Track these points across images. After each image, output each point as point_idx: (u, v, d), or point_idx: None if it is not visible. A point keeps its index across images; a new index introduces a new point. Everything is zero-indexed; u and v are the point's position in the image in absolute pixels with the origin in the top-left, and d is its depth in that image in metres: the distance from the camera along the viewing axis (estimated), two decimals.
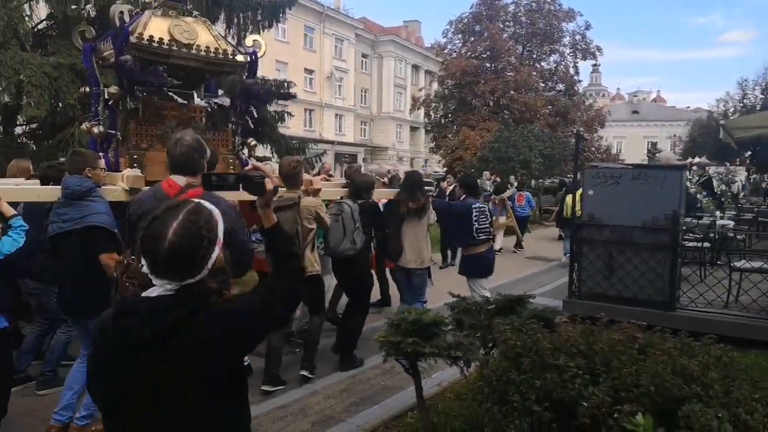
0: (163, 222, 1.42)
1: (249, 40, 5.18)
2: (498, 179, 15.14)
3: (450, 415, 3.66)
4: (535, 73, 30.01)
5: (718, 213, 11.02)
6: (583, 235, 6.26)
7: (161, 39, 4.38)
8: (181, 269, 1.42)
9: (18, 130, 8.86)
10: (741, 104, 39.54)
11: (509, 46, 29.94)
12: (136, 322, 1.40)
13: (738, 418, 2.25)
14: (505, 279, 9.10)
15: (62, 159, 5.10)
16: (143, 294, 1.45)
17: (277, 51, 30.79)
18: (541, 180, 21.43)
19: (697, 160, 19.39)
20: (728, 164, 20.69)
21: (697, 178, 13.50)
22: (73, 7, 7.68)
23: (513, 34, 31.05)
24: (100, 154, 4.28)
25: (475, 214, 5.74)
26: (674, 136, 48.19)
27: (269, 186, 1.82)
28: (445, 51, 31.69)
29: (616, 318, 3.37)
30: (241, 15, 10.30)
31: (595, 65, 36.96)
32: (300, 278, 1.85)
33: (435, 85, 34.85)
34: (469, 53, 30.30)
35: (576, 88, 31.86)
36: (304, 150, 11.59)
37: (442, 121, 31.54)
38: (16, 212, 3.52)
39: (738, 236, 8.75)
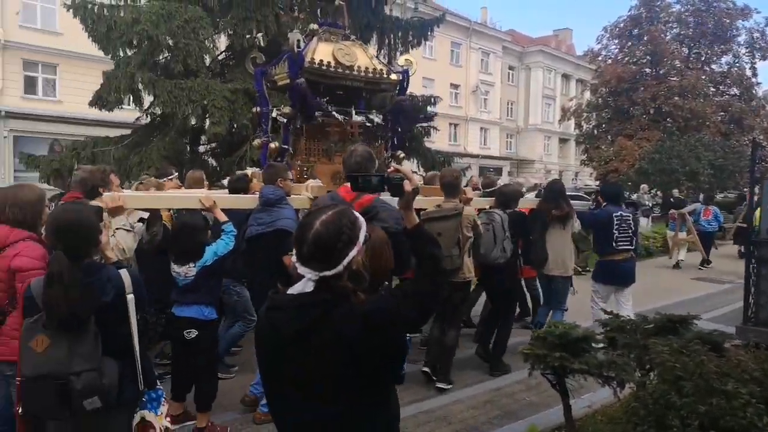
0: (315, 216, 1.59)
1: (402, 60, 5.54)
2: (659, 193, 14.00)
3: None
4: (704, 77, 27.44)
5: None
6: (762, 255, 5.58)
7: (328, 62, 4.86)
8: (320, 257, 1.53)
9: (201, 149, 10.17)
10: None
11: (673, 49, 27.69)
12: (284, 319, 1.53)
13: None
14: (671, 299, 8.41)
15: (239, 172, 5.76)
16: (288, 291, 1.58)
17: (424, 68, 31.47)
18: (711, 194, 19.41)
19: None
20: None
21: None
22: (248, 36, 8.67)
23: (677, 35, 28.68)
24: None
25: (616, 222, 5.54)
26: None
27: (407, 187, 1.88)
28: (599, 58, 30.24)
29: None
30: (392, 35, 10.82)
31: None
32: (441, 282, 1.85)
33: (587, 95, 33.21)
34: (626, 59, 28.59)
35: (754, 91, 28.52)
36: (449, 164, 11.73)
37: (595, 131, 30.06)
38: (227, 219, 4.03)
39: None
